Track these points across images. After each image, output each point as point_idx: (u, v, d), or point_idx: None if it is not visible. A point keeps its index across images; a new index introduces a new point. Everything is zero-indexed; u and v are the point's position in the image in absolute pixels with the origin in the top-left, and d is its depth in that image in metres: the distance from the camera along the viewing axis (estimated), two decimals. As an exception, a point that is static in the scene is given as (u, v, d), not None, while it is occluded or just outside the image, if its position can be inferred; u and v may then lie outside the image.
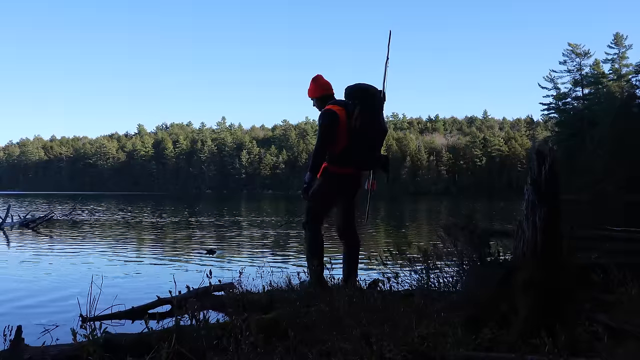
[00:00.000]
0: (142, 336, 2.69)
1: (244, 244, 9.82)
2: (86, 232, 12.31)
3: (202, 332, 2.60)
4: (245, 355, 2.31)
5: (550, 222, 2.60)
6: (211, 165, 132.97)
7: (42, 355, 2.56)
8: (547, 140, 65.57)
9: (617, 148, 42.01)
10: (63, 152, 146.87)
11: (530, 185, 2.68)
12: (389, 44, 4.24)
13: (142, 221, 16.87)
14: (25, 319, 3.62)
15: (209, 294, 4.01)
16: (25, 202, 37.43)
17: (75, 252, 8.35)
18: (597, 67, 60.19)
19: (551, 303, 2.55)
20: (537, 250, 2.61)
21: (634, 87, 53.67)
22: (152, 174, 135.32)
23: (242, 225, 15.41)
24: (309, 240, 4.13)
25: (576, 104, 60.59)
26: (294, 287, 4.00)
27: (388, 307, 3.05)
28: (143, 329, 2.65)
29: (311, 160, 4.09)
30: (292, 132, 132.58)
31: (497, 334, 2.52)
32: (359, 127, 3.98)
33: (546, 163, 2.64)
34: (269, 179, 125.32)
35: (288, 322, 2.82)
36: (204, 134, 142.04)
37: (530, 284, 2.57)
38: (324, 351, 2.49)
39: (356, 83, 4.14)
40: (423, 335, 2.55)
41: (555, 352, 2.17)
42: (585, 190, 36.90)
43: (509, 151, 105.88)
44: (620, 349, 2.38)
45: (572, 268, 2.99)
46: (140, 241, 10.52)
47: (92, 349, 2.33)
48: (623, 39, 58.65)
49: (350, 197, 4.22)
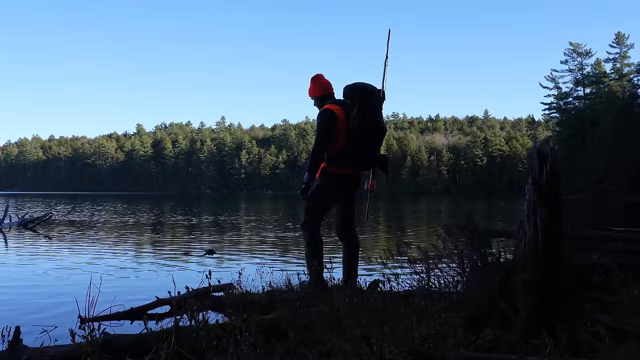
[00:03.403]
0: (141, 337, 2.68)
1: (244, 244, 9.81)
2: (85, 233, 12.31)
3: (201, 332, 2.58)
4: (245, 355, 2.30)
5: (551, 223, 2.59)
6: (210, 165, 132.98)
7: (40, 356, 2.55)
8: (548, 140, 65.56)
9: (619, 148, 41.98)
10: (62, 152, 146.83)
11: (531, 186, 2.66)
12: (388, 42, 4.22)
13: (141, 221, 16.86)
14: (24, 320, 3.61)
15: (209, 295, 4.00)
16: (24, 202, 37.43)
17: (73, 252, 8.35)
18: (599, 66, 60.10)
19: (552, 303, 2.54)
20: (538, 251, 2.60)
21: (636, 86, 53.60)
22: (151, 174, 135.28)
23: (241, 225, 15.40)
24: (309, 240, 4.12)
25: (577, 104, 60.51)
26: (293, 287, 3.98)
27: (388, 308, 3.04)
28: (142, 330, 2.64)
29: (310, 161, 4.08)
30: (291, 132, 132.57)
31: (498, 334, 2.51)
32: (357, 127, 3.96)
33: (547, 163, 2.63)
34: (268, 179, 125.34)
35: (288, 322, 2.81)
36: (204, 133, 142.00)
37: (531, 284, 2.56)
38: (324, 352, 2.48)
39: (355, 82, 4.12)
40: (423, 335, 2.54)
41: (556, 353, 2.16)
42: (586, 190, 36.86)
43: (509, 151, 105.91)
44: (622, 349, 2.37)
45: (573, 268, 2.99)
46: (139, 241, 10.51)
47: (91, 350, 2.33)
48: (625, 39, 58.59)
49: (349, 197, 4.20)
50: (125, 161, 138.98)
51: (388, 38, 4.24)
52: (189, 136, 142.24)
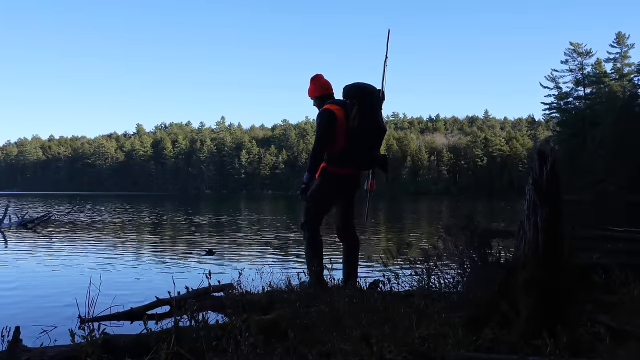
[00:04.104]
0: (140, 337, 2.68)
1: (244, 244, 9.80)
2: (85, 233, 12.30)
3: (201, 332, 2.58)
4: (245, 356, 2.30)
5: (551, 223, 2.59)
6: (210, 165, 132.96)
7: (40, 356, 2.55)
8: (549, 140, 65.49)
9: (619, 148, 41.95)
10: (61, 152, 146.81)
11: (531, 186, 2.66)
12: (388, 42, 4.22)
13: (140, 222, 16.86)
14: (23, 320, 3.59)
15: (209, 295, 3.99)
16: (24, 202, 37.42)
17: (73, 252, 8.34)
18: (599, 66, 60.05)
19: (553, 304, 2.54)
20: (539, 251, 2.60)
21: (636, 86, 53.54)
22: (151, 174, 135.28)
23: (241, 225, 15.40)
24: (308, 240, 4.12)
25: (578, 104, 60.46)
26: (293, 287, 3.98)
27: (388, 308, 3.04)
28: (142, 330, 2.64)
29: (309, 160, 4.08)
30: (291, 132, 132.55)
31: (498, 334, 2.51)
32: (357, 127, 3.96)
33: (547, 163, 2.63)
34: (268, 179, 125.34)
35: (288, 322, 2.81)
36: (203, 133, 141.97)
37: (531, 284, 2.56)
38: (324, 352, 2.48)
39: (354, 82, 4.11)
40: (423, 336, 2.54)
41: (556, 353, 2.16)
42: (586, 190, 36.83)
43: (510, 151, 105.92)
44: (622, 350, 2.37)
45: (574, 268, 2.98)
46: (139, 242, 10.50)
47: (91, 350, 2.32)
48: (625, 38, 58.56)
49: (349, 197, 4.20)
50: (125, 161, 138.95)
51: (388, 38, 4.24)
52: (189, 136, 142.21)
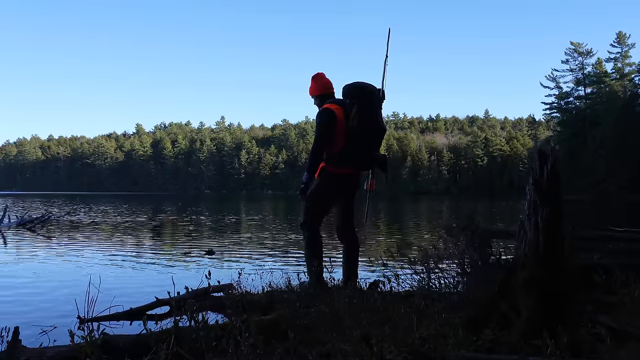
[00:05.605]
0: (140, 337, 2.68)
1: (244, 244, 9.80)
2: (84, 233, 12.30)
3: (201, 333, 2.58)
4: (245, 356, 2.29)
5: (552, 223, 2.59)
6: (210, 165, 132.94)
7: (39, 356, 2.54)
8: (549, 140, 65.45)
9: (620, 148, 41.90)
10: (61, 152, 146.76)
11: (532, 186, 2.66)
12: (388, 42, 4.21)
13: (140, 221, 16.85)
14: (23, 320, 3.59)
15: (208, 295, 3.99)
16: (23, 202, 37.42)
17: (73, 252, 8.33)
18: (600, 66, 60.01)
19: (553, 304, 2.53)
20: (539, 251, 2.59)
21: (637, 86, 53.48)
22: (151, 174, 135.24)
23: (241, 225, 15.39)
24: (308, 240, 4.11)
25: (578, 104, 60.41)
26: (293, 287, 3.97)
27: (388, 308, 3.03)
28: (141, 330, 2.64)
29: (309, 160, 4.07)
30: (291, 132, 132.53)
31: (498, 335, 2.50)
32: (357, 127, 3.95)
33: (548, 163, 2.62)
34: (268, 179, 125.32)
35: (288, 323, 2.81)
36: (203, 133, 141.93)
37: (532, 284, 2.56)
38: (324, 352, 2.47)
39: (354, 82, 4.10)
40: (424, 336, 2.54)
41: (557, 354, 2.16)
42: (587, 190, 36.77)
43: (510, 151, 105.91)
44: (623, 350, 2.36)
45: (574, 269, 2.98)
46: (138, 242, 10.50)
47: (90, 350, 2.32)
48: (626, 38, 58.52)
49: (349, 197, 4.19)
50: (124, 161, 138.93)
51: (388, 37, 4.23)
52: (189, 136, 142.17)
